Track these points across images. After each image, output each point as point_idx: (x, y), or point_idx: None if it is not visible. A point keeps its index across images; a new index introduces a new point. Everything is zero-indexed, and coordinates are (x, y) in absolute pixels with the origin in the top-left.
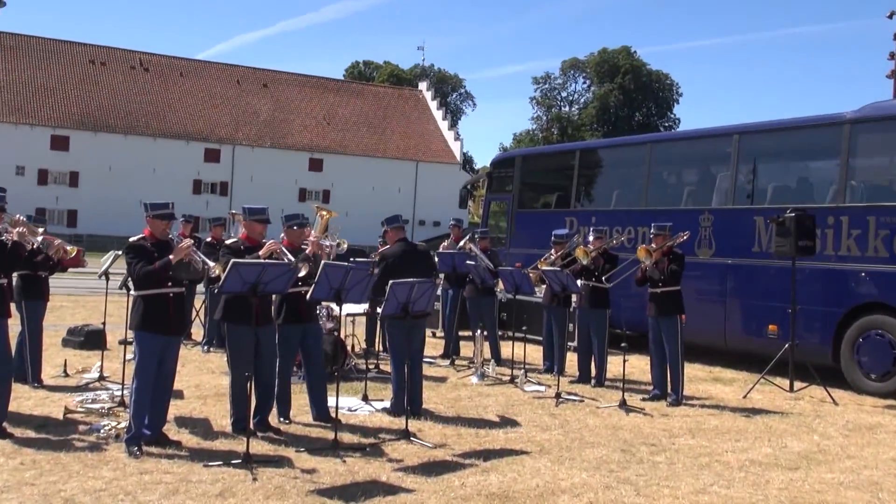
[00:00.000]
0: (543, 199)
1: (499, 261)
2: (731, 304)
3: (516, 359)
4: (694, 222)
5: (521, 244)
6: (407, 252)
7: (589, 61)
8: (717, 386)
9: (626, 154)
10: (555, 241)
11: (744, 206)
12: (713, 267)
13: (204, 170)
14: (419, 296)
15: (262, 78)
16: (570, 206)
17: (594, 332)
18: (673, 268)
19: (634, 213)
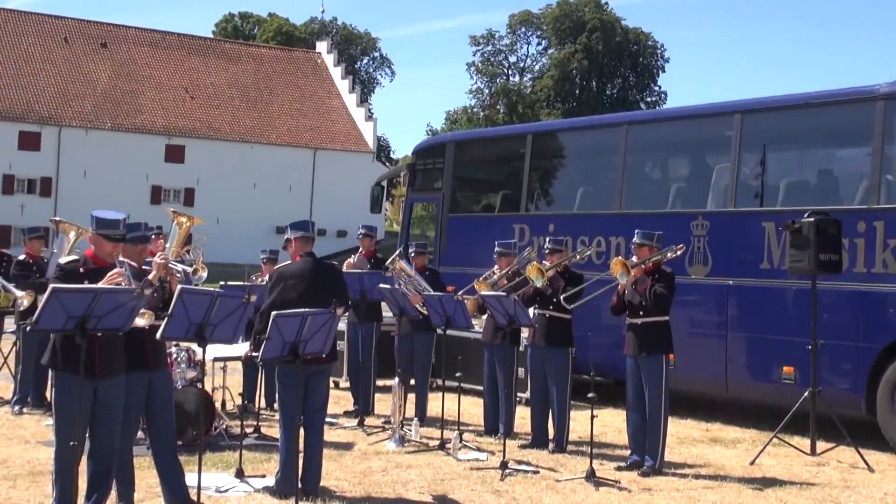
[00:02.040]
0: (485, 200)
1: (440, 284)
2: (734, 340)
3: (448, 416)
4: (684, 230)
5: (454, 260)
6: (314, 272)
7: (545, 15)
8: (717, 449)
9: (594, 139)
10: (499, 254)
11: (749, 208)
12: (710, 290)
13: (18, 161)
14: (312, 332)
15: (100, 35)
16: (521, 208)
17: (552, 379)
18: (658, 290)
19: (605, 218)
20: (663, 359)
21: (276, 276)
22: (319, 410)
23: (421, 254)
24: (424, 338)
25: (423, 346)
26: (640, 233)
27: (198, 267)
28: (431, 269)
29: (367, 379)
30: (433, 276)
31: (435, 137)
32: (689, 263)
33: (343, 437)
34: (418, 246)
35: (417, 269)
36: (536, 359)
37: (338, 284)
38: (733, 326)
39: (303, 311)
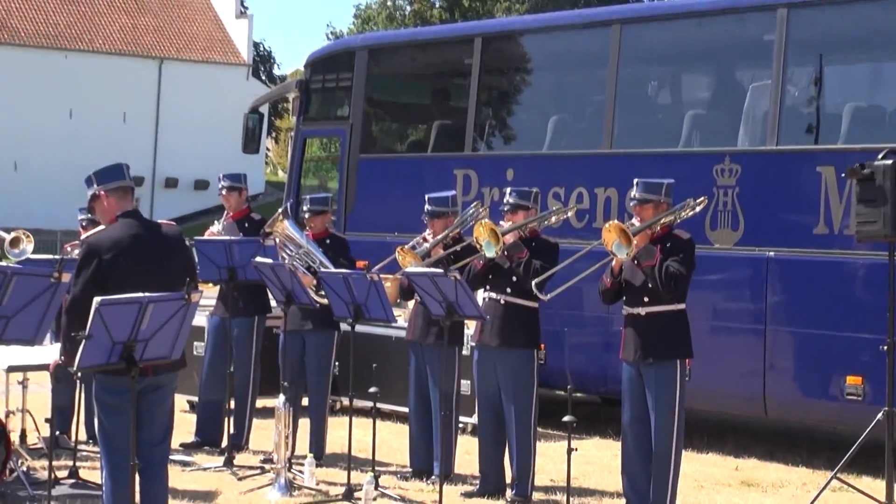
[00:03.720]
0: (412, 135)
1: (347, 256)
2: (776, 338)
3: (358, 451)
4: (704, 179)
5: (367, 222)
6: (139, 240)
7: None
8: (751, 496)
9: (573, 46)
10: (431, 213)
11: (798, 146)
12: (741, 265)
13: None
14: (154, 328)
15: None
16: (465, 146)
17: (510, 396)
18: (672, 267)
19: (590, 161)
20: (677, 366)
21: (85, 251)
22: (162, 443)
23: (318, 213)
24: (321, 337)
25: (319, 349)
26: (642, 183)
27: (19, 236)
28: (334, 236)
29: (242, 397)
30: (337, 245)
31: (338, 42)
32: (711, 227)
33: (203, 482)
34: (314, 202)
35: (313, 235)
36: (488, 366)
37: (182, 256)
38: (775, 318)
39: (141, 297)
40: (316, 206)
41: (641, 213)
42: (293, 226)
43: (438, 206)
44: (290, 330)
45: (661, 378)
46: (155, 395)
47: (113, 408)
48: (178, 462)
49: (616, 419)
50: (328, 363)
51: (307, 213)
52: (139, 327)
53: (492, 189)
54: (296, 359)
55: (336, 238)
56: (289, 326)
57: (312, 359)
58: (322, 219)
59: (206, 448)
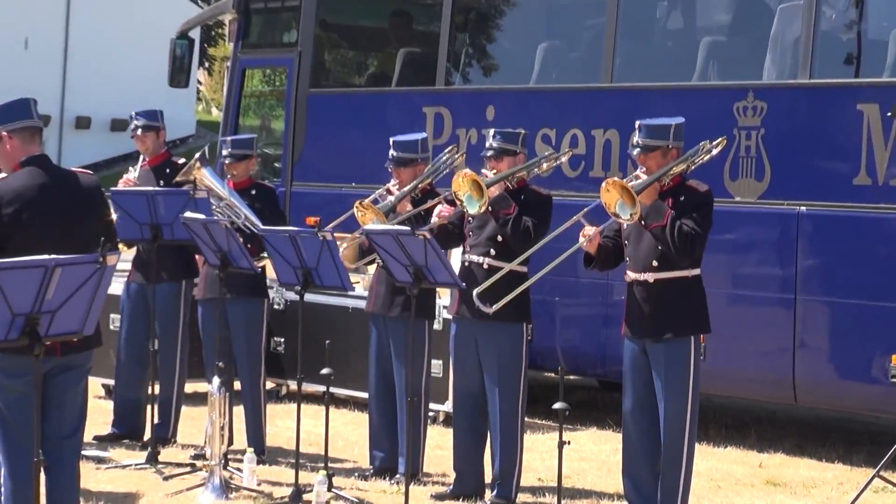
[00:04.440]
0: (372, 66)
1: (278, 208)
2: (807, 310)
3: (308, 445)
4: (722, 119)
5: (318, 170)
6: (47, 191)
7: None
8: (777, 497)
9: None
10: (397, 161)
11: (836, 79)
12: (766, 222)
13: None
14: (62, 297)
15: None
16: (437, 80)
17: (492, 379)
18: (686, 226)
19: (586, 97)
20: (690, 343)
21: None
22: (73, 435)
23: (241, 158)
24: (246, 307)
25: (245, 322)
26: (646, 127)
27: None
28: (260, 186)
29: (168, 381)
30: (264, 196)
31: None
32: (731, 176)
33: (121, 482)
34: (235, 144)
35: (234, 185)
36: (467, 343)
37: (100, 212)
38: (807, 286)
39: (47, 260)
40: (238, 150)
41: (646, 162)
42: (212, 174)
43: (405, 152)
44: (209, 298)
45: (670, 357)
46: (64, 379)
47: (13, 394)
48: (91, 458)
49: (616, 407)
50: (258, 338)
51: (227, 158)
52: (44, 296)
53: (469, 131)
54: (227, 336)
55: (262, 188)
56: (206, 294)
57: (238, 334)
58: (245, 165)
59: (125, 441)
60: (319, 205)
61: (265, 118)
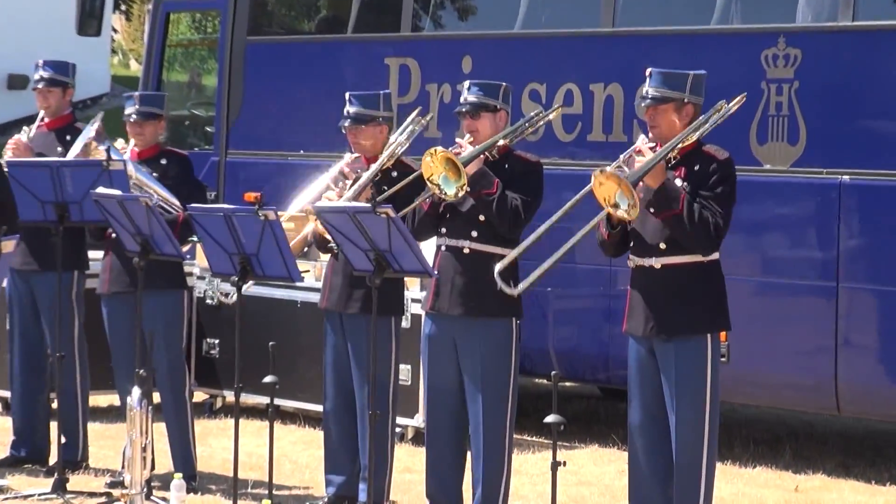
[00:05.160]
0: (323, 9)
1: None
2: (851, 301)
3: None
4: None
5: (259, 135)
6: None
7: None
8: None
9: None
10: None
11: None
12: (802, 194)
13: None
14: None
15: None
16: (401, 25)
17: (475, 387)
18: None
19: (583, 44)
20: (707, 343)
21: None
22: None
23: (150, 118)
24: (163, 301)
25: (163, 320)
26: (658, 74)
27: None
28: (172, 154)
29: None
30: (177, 166)
31: None
32: (758, 139)
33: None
34: (145, 101)
35: (138, 154)
36: (444, 344)
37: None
38: (850, 272)
39: None
40: (147, 108)
41: (655, 118)
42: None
43: (365, 107)
44: (114, 292)
45: (682, 360)
46: None
47: None
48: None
49: (622, 420)
50: (179, 339)
51: (133, 116)
52: None
53: (441, 87)
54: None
55: (174, 157)
56: (113, 287)
57: (156, 335)
58: (154, 128)
59: (26, 466)
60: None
61: (194, 73)
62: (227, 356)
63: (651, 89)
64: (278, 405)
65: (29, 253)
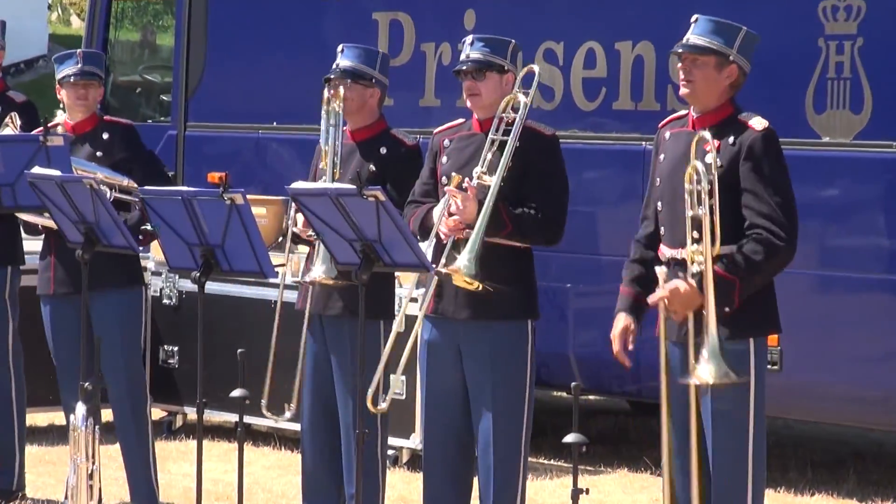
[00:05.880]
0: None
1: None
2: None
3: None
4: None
5: (226, 105)
6: None
7: None
8: None
9: None
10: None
11: None
12: (867, 171)
13: None
14: None
15: None
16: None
17: (484, 401)
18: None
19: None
20: (750, 348)
21: None
22: None
23: (91, 78)
24: (119, 301)
25: (118, 323)
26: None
27: None
28: (114, 124)
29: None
30: (123, 139)
31: None
32: (815, 108)
33: None
34: (88, 59)
35: (73, 127)
36: (443, 352)
37: None
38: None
39: None
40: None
41: (692, 71)
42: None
43: (359, 62)
44: (64, 294)
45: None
46: None
47: None
48: None
49: (655, 439)
50: (137, 345)
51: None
52: None
53: (439, 46)
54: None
55: (118, 127)
56: (60, 287)
57: (110, 341)
58: (95, 93)
59: None
60: (226, 154)
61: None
62: (187, 366)
63: (694, 37)
64: (248, 423)
65: None
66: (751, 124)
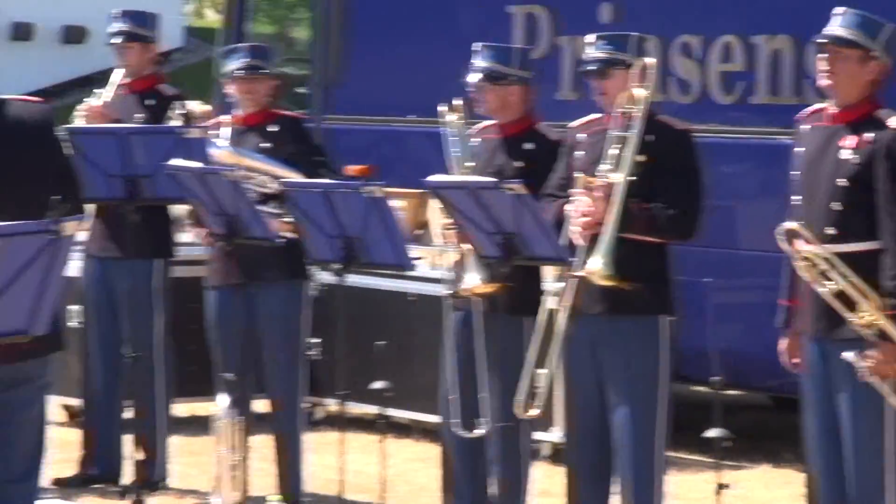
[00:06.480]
0: None
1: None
2: None
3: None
4: None
5: (366, 98)
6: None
7: None
8: None
9: None
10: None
11: None
12: None
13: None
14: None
15: None
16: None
17: (620, 396)
18: None
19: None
20: None
21: None
22: (23, 478)
23: (257, 71)
24: (284, 293)
25: (282, 316)
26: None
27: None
28: (285, 119)
29: (148, 399)
30: (292, 132)
31: None
32: None
33: None
34: (256, 53)
35: (244, 119)
36: (581, 348)
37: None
38: None
39: None
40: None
41: (836, 64)
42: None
43: (499, 63)
44: (230, 284)
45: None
46: (10, 398)
47: None
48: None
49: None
50: (297, 338)
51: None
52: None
53: (575, 41)
54: (240, 335)
55: (288, 121)
56: (224, 279)
57: (271, 332)
58: (259, 88)
59: (97, 486)
60: (365, 147)
61: (284, 24)
62: (328, 357)
63: (838, 28)
64: (389, 416)
65: (107, 237)
66: (889, 123)
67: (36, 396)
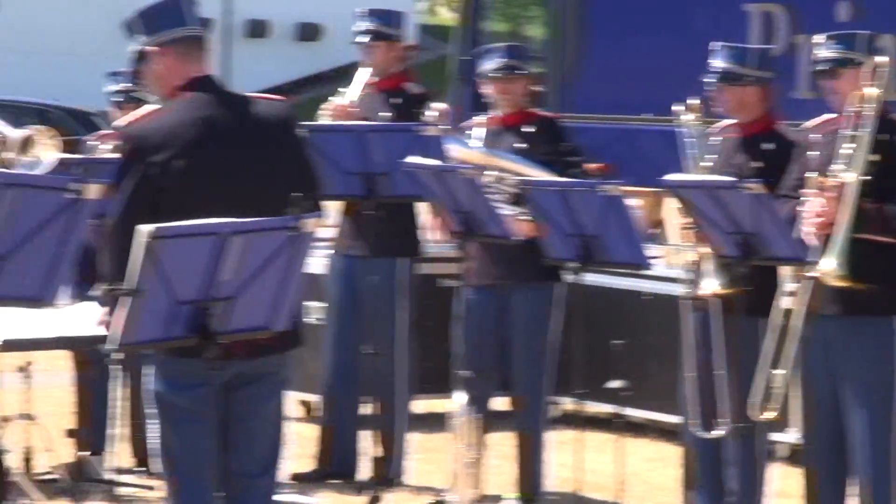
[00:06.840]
0: None
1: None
2: None
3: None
4: None
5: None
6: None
7: None
8: None
9: None
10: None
11: None
12: None
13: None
14: (244, 277)
15: None
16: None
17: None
18: None
19: None
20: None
21: (130, 148)
22: (263, 473)
23: (510, 78)
24: (536, 295)
25: (533, 317)
26: None
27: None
28: (543, 120)
29: (388, 395)
30: (548, 134)
31: None
32: None
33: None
34: (513, 53)
35: (503, 120)
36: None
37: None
38: None
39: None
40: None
41: None
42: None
43: (742, 65)
44: (483, 285)
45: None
46: (251, 393)
47: (179, 413)
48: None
49: None
50: (544, 338)
51: (497, 72)
52: (217, 277)
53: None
54: (487, 334)
55: (545, 122)
56: (480, 279)
57: (522, 332)
58: (515, 88)
59: (334, 482)
60: (602, 146)
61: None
62: (564, 357)
63: None
64: (625, 416)
65: (355, 236)
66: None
67: (274, 391)
